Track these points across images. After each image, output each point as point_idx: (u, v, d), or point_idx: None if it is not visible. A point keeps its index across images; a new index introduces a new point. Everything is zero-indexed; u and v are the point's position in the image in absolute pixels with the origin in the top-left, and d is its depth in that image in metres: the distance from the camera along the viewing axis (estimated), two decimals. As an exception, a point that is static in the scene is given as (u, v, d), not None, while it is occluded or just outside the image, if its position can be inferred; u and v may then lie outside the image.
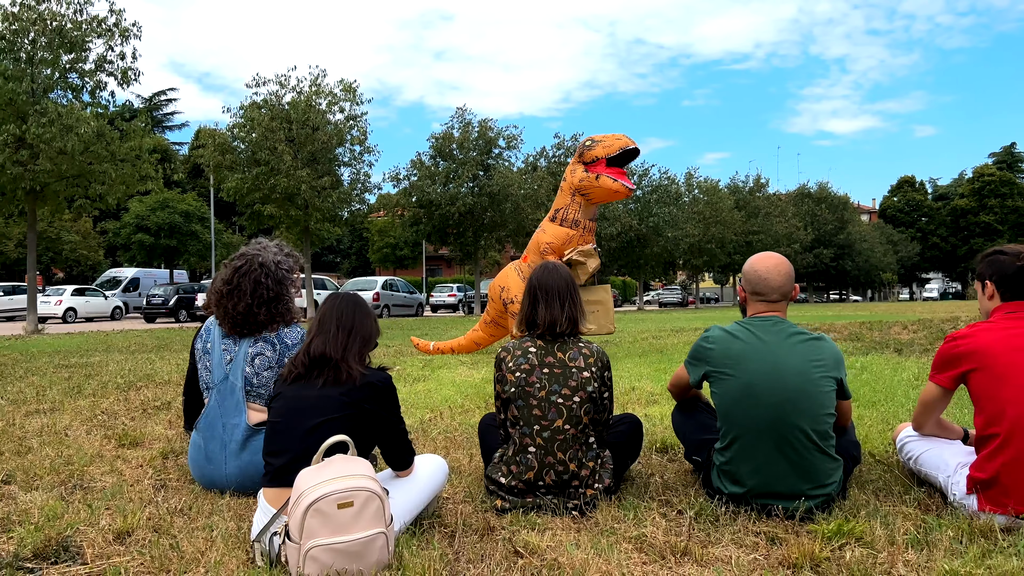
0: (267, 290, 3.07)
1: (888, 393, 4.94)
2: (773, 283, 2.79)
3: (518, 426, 2.79)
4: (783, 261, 2.84)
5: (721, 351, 2.78)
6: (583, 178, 7.49)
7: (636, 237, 34.08)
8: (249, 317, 3.07)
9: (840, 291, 71.65)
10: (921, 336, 8.24)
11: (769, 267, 2.81)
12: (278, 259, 3.19)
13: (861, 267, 58.15)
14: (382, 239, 52.53)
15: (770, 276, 2.80)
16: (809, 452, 2.64)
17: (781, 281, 2.80)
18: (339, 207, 20.06)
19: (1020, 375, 2.57)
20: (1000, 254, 2.79)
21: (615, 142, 7.48)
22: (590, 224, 7.77)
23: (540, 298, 2.89)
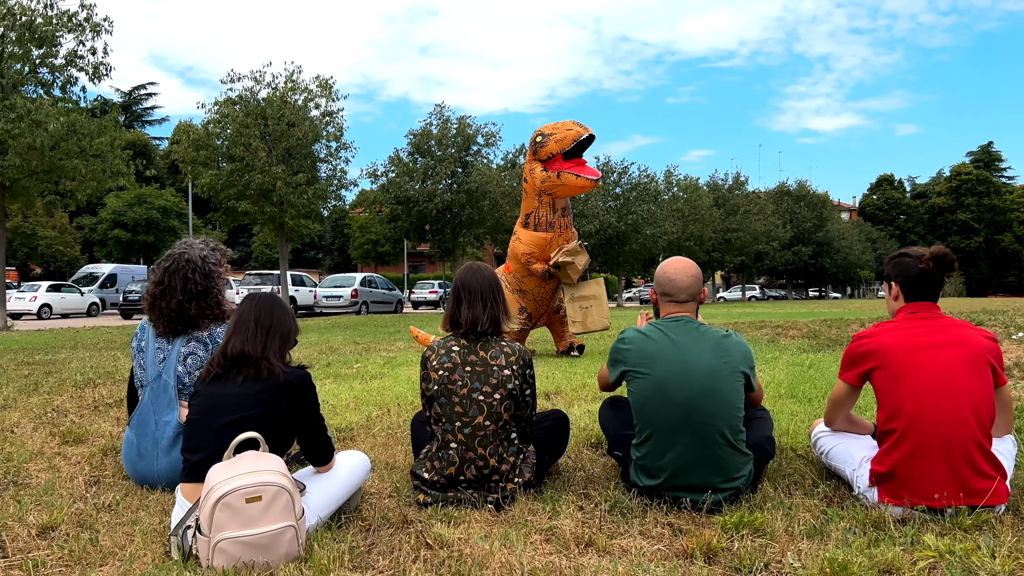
0: (196, 284, 3.15)
1: (828, 390, 5.06)
2: (681, 285, 2.91)
3: (440, 423, 2.87)
4: (690, 265, 2.96)
5: (636, 351, 2.88)
6: (544, 178, 7.28)
7: (615, 235, 34.18)
8: (183, 314, 3.14)
9: (819, 288, 72.28)
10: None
11: (677, 270, 2.94)
12: (204, 254, 3.26)
13: (839, 264, 58.67)
14: (363, 235, 52.46)
15: (678, 278, 2.92)
16: (719, 447, 2.74)
17: (689, 283, 2.92)
18: (315, 204, 20.02)
19: (917, 373, 2.68)
20: (905, 256, 2.90)
21: (567, 134, 7.16)
22: (564, 221, 7.56)
23: (463, 298, 2.98)
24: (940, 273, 2.81)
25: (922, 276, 2.82)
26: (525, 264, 7.54)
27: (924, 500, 2.59)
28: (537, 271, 7.49)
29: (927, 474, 2.60)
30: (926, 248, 2.89)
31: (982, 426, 2.62)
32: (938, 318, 2.81)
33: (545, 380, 5.92)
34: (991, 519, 2.51)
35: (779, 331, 9.69)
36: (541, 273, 7.48)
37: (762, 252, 47.22)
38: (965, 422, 2.59)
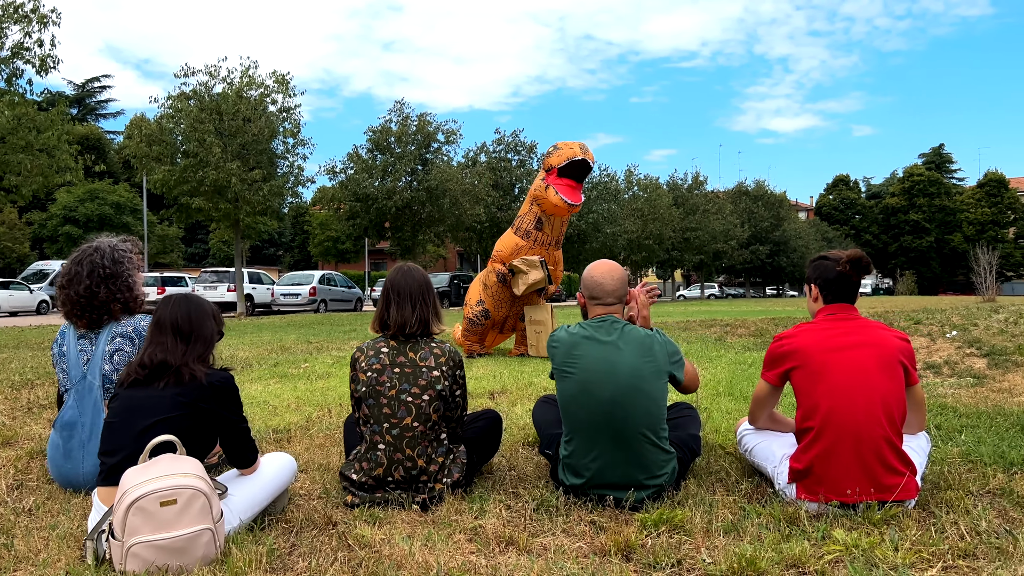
0: (103, 268, 3.11)
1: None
2: (607, 287, 2.97)
3: (369, 424, 2.88)
4: (616, 268, 3.02)
5: (563, 351, 2.92)
6: (537, 186, 7.25)
7: (576, 233, 34.38)
8: (92, 299, 3.08)
9: (776, 286, 73.57)
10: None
11: (603, 273, 2.99)
12: (114, 243, 3.23)
13: (796, 263, 59.73)
14: (323, 233, 51.98)
15: (604, 281, 2.97)
16: (641, 445, 2.80)
17: (614, 285, 2.97)
18: (271, 200, 19.77)
19: (833, 373, 2.76)
20: (824, 260, 2.99)
21: (565, 152, 7.07)
22: (543, 237, 7.37)
23: (392, 299, 2.99)
24: (856, 276, 2.90)
25: (840, 279, 2.91)
26: (490, 261, 7.68)
27: (838, 496, 2.68)
28: (493, 270, 7.56)
29: (841, 471, 2.68)
30: (844, 252, 2.98)
31: (893, 424, 2.71)
32: (854, 319, 2.90)
33: (492, 379, 5.95)
34: (899, 514, 2.60)
35: (728, 329, 9.86)
36: (496, 274, 7.53)
37: (720, 251, 47.87)
38: (876, 420, 2.68)
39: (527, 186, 32.04)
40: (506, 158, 32.16)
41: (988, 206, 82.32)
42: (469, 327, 7.78)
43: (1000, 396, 4.56)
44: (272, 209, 20.22)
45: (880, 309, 20.87)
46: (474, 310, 7.74)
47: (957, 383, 5.05)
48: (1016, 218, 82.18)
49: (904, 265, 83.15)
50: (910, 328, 8.01)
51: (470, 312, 7.80)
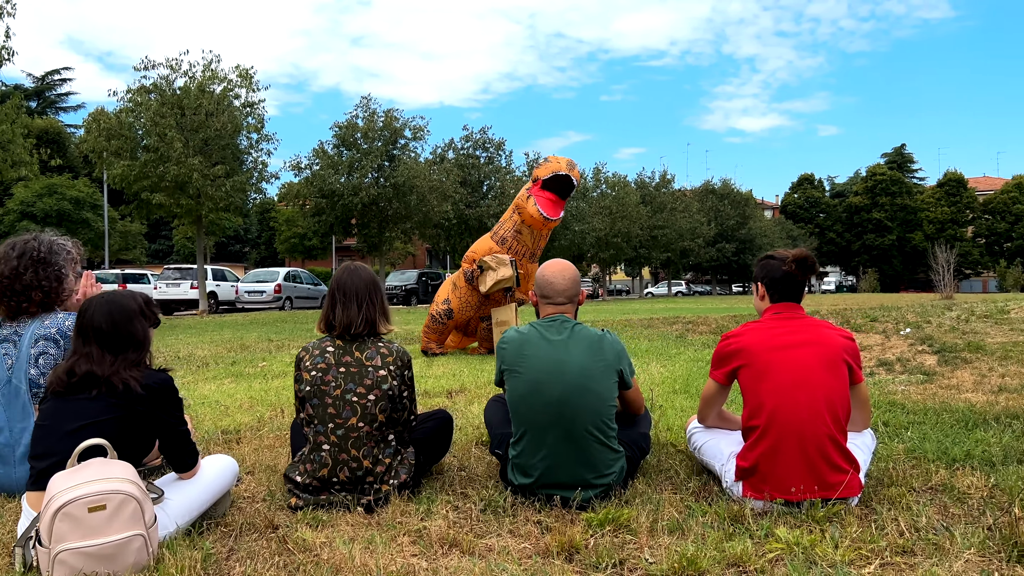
0: (36, 252, 3.01)
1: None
2: (558, 287, 2.96)
3: (313, 424, 2.84)
4: (568, 268, 3.00)
5: (513, 351, 2.91)
6: (521, 195, 7.18)
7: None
8: (15, 282, 2.97)
9: (742, 283, 74.41)
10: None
11: (555, 272, 2.98)
12: (53, 237, 3.14)
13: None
14: (289, 229, 51.41)
15: (555, 280, 2.96)
16: (589, 444, 2.79)
17: (565, 285, 2.96)
18: (234, 197, 19.48)
19: (778, 372, 2.78)
20: (771, 259, 3.01)
21: (550, 165, 7.00)
22: (518, 247, 7.26)
23: (338, 299, 2.94)
24: (802, 276, 2.92)
25: (785, 278, 2.93)
26: (464, 260, 7.63)
27: (782, 494, 2.69)
28: (463, 268, 7.52)
29: (785, 469, 2.70)
30: (791, 251, 3.00)
31: (837, 422, 2.73)
32: (800, 318, 2.92)
33: (451, 378, 5.92)
34: (842, 511, 2.62)
35: (689, 327, 9.93)
36: (465, 273, 7.49)
37: (687, 249, 48.29)
38: (820, 418, 2.70)
39: (495, 183, 32.03)
40: (474, 155, 32.12)
41: (947, 205, 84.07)
42: (431, 324, 7.73)
43: (948, 393, 4.64)
44: (235, 205, 19.93)
45: (842, 306, 21.19)
46: (439, 308, 7.70)
47: (908, 380, 5.13)
48: (974, 217, 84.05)
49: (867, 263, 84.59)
50: (866, 325, 8.14)
51: (434, 309, 7.75)
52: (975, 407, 4.14)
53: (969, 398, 4.43)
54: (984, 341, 6.32)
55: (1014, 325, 7.01)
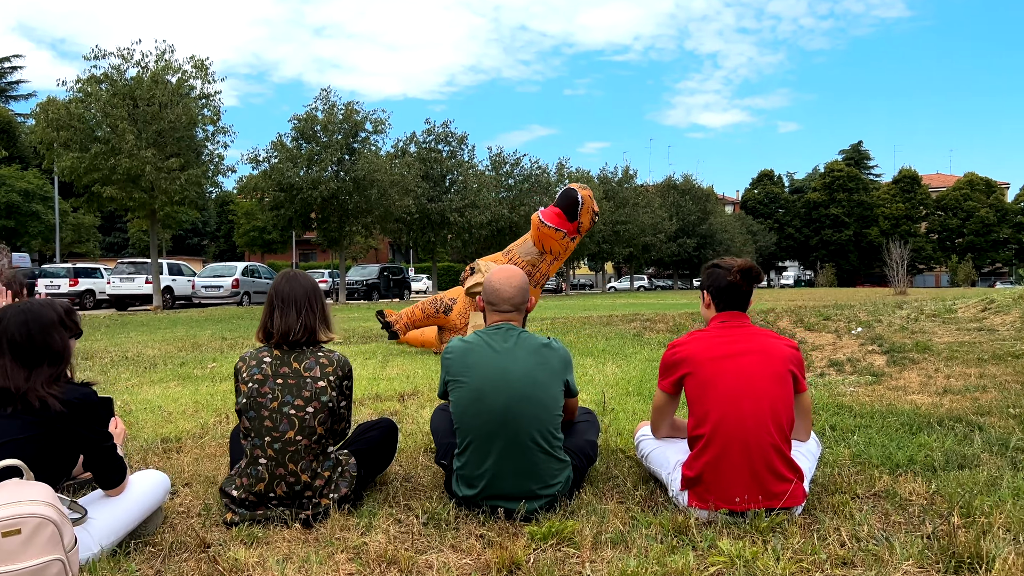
0: None
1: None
2: (504, 294, 2.91)
3: (250, 437, 2.75)
4: (516, 275, 2.95)
5: (457, 360, 2.85)
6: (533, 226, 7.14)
7: (508, 226, 34.41)
8: None
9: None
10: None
11: (502, 279, 2.93)
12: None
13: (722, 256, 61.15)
14: (248, 222, 50.58)
15: (501, 288, 2.91)
16: (534, 454, 2.75)
17: (511, 293, 2.91)
18: (188, 190, 19.06)
19: (723, 380, 2.77)
20: (717, 268, 3.00)
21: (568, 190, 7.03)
22: (527, 267, 7.19)
23: (276, 306, 2.86)
24: (746, 285, 2.91)
25: (730, 288, 2.93)
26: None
27: (727, 504, 2.68)
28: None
29: (730, 478, 2.69)
30: (734, 260, 2.99)
31: (781, 431, 2.73)
32: (745, 327, 2.91)
33: (404, 380, 5.84)
34: (785, 521, 2.62)
35: (647, 324, 9.97)
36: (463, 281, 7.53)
37: (649, 244, 48.67)
38: (765, 427, 2.70)
39: (458, 178, 31.86)
40: (436, 149, 31.92)
41: (902, 201, 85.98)
42: (426, 308, 7.79)
43: (894, 394, 4.70)
44: (191, 199, 19.52)
45: (798, 302, 21.52)
46: (444, 301, 7.67)
47: (857, 380, 5.19)
48: (927, 213, 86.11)
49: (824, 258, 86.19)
50: (819, 324, 8.24)
51: (438, 298, 7.76)
52: (920, 409, 4.19)
53: (915, 400, 4.49)
54: (932, 341, 6.43)
55: (960, 324, 7.15)
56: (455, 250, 33.55)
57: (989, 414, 4.02)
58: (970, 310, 7.78)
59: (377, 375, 6.07)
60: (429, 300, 7.81)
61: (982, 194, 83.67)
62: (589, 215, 7.04)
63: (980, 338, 6.30)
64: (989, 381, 4.83)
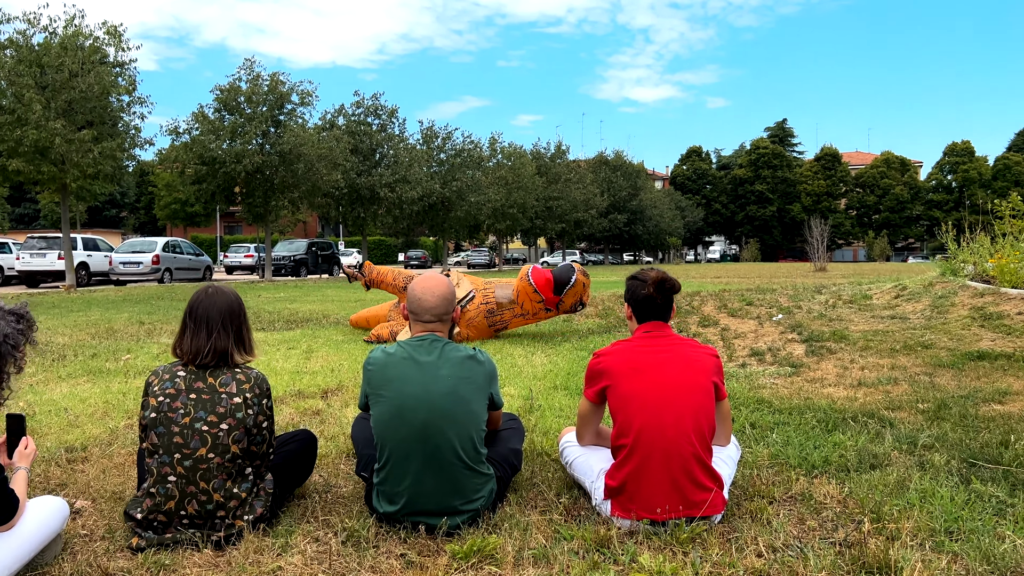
0: None
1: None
2: (426, 304, 2.83)
3: (158, 454, 2.62)
4: (440, 284, 2.88)
5: (378, 373, 2.77)
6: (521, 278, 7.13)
7: (440, 201, 34.10)
8: None
9: (634, 252, 76.54)
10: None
11: (425, 290, 2.85)
12: None
13: (651, 231, 62.33)
14: (170, 194, 48.73)
15: (424, 298, 2.83)
16: (457, 470, 2.70)
17: (434, 303, 2.83)
18: (102, 164, 18.15)
19: (645, 391, 2.77)
20: (635, 280, 3.00)
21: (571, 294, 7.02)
22: (500, 299, 7.23)
23: (188, 325, 2.73)
24: (661, 298, 2.93)
25: (646, 300, 2.94)
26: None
27: (648, 514, 2.69)
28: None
29: (652, 488, 2.70)
30: (652, 271, 3.00)
31: (702, 440, 2.75)
32: (667, 336, 2.93)
33: (329, 374, 5.71)
34: (704, 531, 2.65)
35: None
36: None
37: (581, 220, 49.06)
38: (686, 437, 2.72)
39: (388, 152, 31.32)
40: (366, 122, 31.28)
41: (824, 179, 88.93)
42: (398, 277, 7.95)
43: (812, 387, 4.83)
44: (105, 173, 18.60)
45: (723, 279, 22.08)
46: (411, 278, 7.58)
47: (777, 372, 5.32)
48: (847, 190, 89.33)
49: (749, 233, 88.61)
50: (742, 310, 8.43)
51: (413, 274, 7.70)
52: (835, 404, 4.31)
53: (831, 393, 4.62)
54: (848, 329, 6.65)
55: (875, 312, 7.41)
56: (386, 226, 33.07)
57: (899, 408, 4.17)
58: (884, 296, 8.08)
59: (300, 368, 5.91)
60: (405, 273, 7.88)
61: (897, 172, 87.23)
62: (574, 299, 7.00)
63: (893, 326, 6.54)
64: (900, 373, 5.01)
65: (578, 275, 6.87)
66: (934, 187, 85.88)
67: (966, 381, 4.68)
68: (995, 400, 4.23)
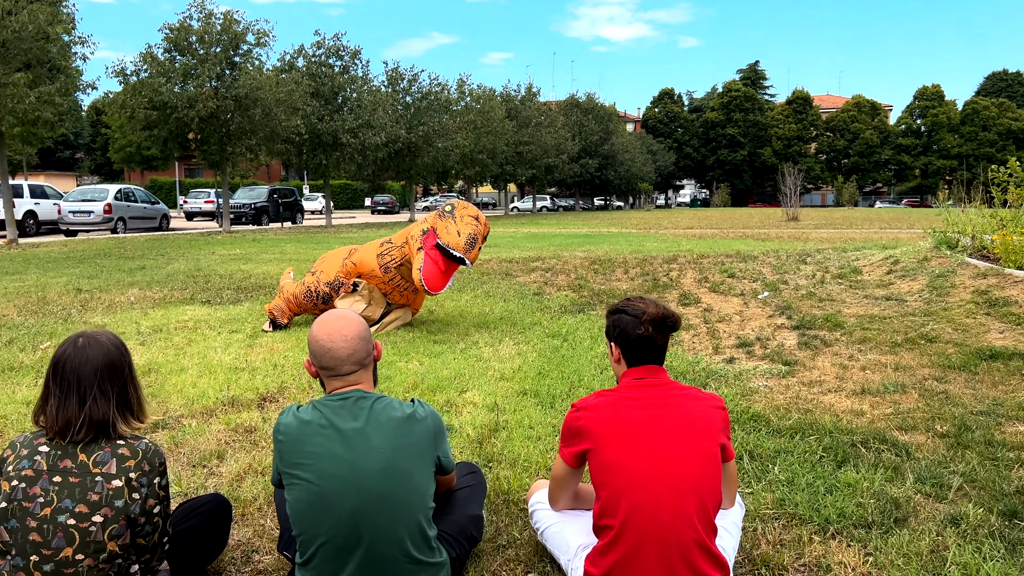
0: None
1: (576, 383, 4.69)
2: (339, 354, 2.21)
3: (10, 555, 2.01)
4: (349, 324, 2.25)
5: (290, 446, 2.17)
6: (416, 238, 5.97)
7: (406, 147, 32.98)
8: None
9: (604, 197, 75.95)
10: (637, 285, 8.32)
11: (331, 334, 2.22)
12: None
13: (623, 176, 61.61)
14: (124, 136, 46.71)
15: (334, 346, 2.21)
16: (399, 565, 2.14)
17: (348, 348, 2.22)
18: (41, 110, 16.92)
19: (635, 460, 2.21)
20: (623, 313, 2.41)
21: (456, 226, 5.81)
22: (401, 283, 6.24)
23: (52, 388, 2.11)
24: (661, 338, 2.35)
25: (641, 341, 2.35)
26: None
27: (638, 611, 2.17)
28: (346, 266, 6.53)
29: (643, 581, 2.17)
30: (646, 303, 2.40)
31: (706, 521, 2.22)
32: (662, 385, 2.36)
33: (271, 371, 5.08)
34: (708, 635, 2.14)
35: (549, 278, 9.43)
36: (335, 280, 6.56)
37: (552, 165, 48.17)
38: (687, 520, 2.17)
39: (351, 95, 30.03)
40: (327, 63, 29.86)
41: (795, 123, 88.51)
42: (300, 296, 6.52)
43: (810, 393, 4.33)
44: (45, 119, 17.37)
45: (697, 233, 21.58)
46: (320, 287, 6.46)
47: (768, 370, 4.81)
48: (817, 134, 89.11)
49: (720, 177, 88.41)
50: (724, 284, 7.92)
51: (313, 284, 6.49)
52: (840, 421, 3.82)
53: (833, 404, 4.13)
54: (841, 313, 6.16)
55: (867, 291, 6.93)
56: (350, 173, 31.96)
57: (913, 429, 3.68)
58: (875, 271, 7.60)
59: (238, 362, 5.28)
60: (301, 289, 6.56)
61: (868, 116, 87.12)
62: (476, 252, 5.92)
63: (889, 311, 6.06)
64: (906, 376, 4.52)
65: (460, 244, 5.81)
66: (903, 131, 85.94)
67: (982, 389, 4.21)
68: (1018, 418, 3.76)
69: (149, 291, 9.28)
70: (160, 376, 4.91)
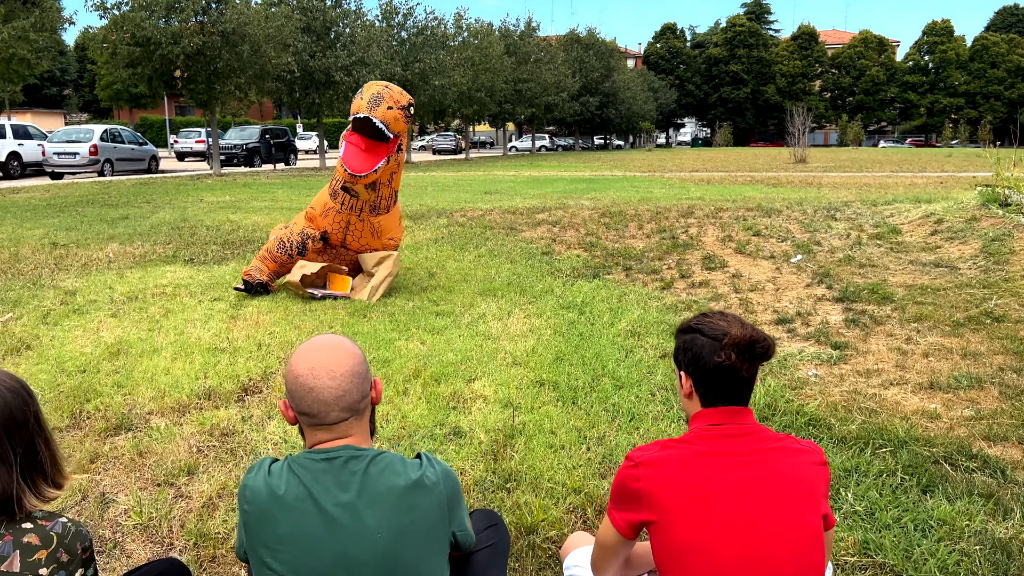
0: None
1: (598, 368, 4.14)
2: (325, 395, 1.63)
3: None
4: (342, 354, 1.66)
5: (258, 520, 1.62)
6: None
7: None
8: None
9: (604, 136, 74.57)
10: (654, 244, 7.68)
11: (315, 367, 1.63)
12: None
13: (624, 115, 60.21)
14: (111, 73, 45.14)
15: (318, 384, 1.62)
16: None
17: (339, 389, 1.64)
18: (16, 47, 15.96)
19: (717, 544, 1.67)
20: (698, 335, 1.81)
21: (356, 101, 5.27)
22: (351, 202, 5.62)
23: None
24: (749, 369, 1.76)
25: (721, 373, 1.77)
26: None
27: None
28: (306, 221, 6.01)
29: None
30: (728, 320, 1.81)
31: (805, 617, 1.69)
32: (750, 434, 1.79)
33: (255, 353, 4.51)
34: None
35: (557, 233, 8.79)
36: (297, 237, 6.00)
37: (552, 103, 46.88)
38: (782, 619, 1.65)
39: (344, 30, 28.82)
40: (318, -4, 28.50)
41: (799, 59, 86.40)
42: (274, 249, 6.00)
43: (869, 387, 3.78)
44: (20, 56, 16.42)
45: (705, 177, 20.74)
46: (293, 237, 5.91)
47: (817, 356, 4.26)
48: (822, 71, 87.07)
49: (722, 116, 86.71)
50: (750, 243, 7.31)
51: (286, 236, 5.94)
52: (913, 428, 3.28)
53: (899, 402, 3.59)
54: (887, 282, 5.58)
55: (912, 255, 6.34)
56: (344, 112, 30.89)
57: (1004, 440, 3.16)
58: (917, 231, 7.00)
59: (219, 340, 4.71)
60: (274, 242, 6.06)
61: (875, 52, 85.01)
62: (401, 126, 5.30)
63: (942, 280, 5.48)
64: (979, 366, 3.98)
65: (363, 104, 5.20)
66: (911, 68, 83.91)
67: (1071, 384, 3.67)
68: (1124, 423, 3.23)
69: (130, 245, 8.67)
70: (129, 359, 4.35)
